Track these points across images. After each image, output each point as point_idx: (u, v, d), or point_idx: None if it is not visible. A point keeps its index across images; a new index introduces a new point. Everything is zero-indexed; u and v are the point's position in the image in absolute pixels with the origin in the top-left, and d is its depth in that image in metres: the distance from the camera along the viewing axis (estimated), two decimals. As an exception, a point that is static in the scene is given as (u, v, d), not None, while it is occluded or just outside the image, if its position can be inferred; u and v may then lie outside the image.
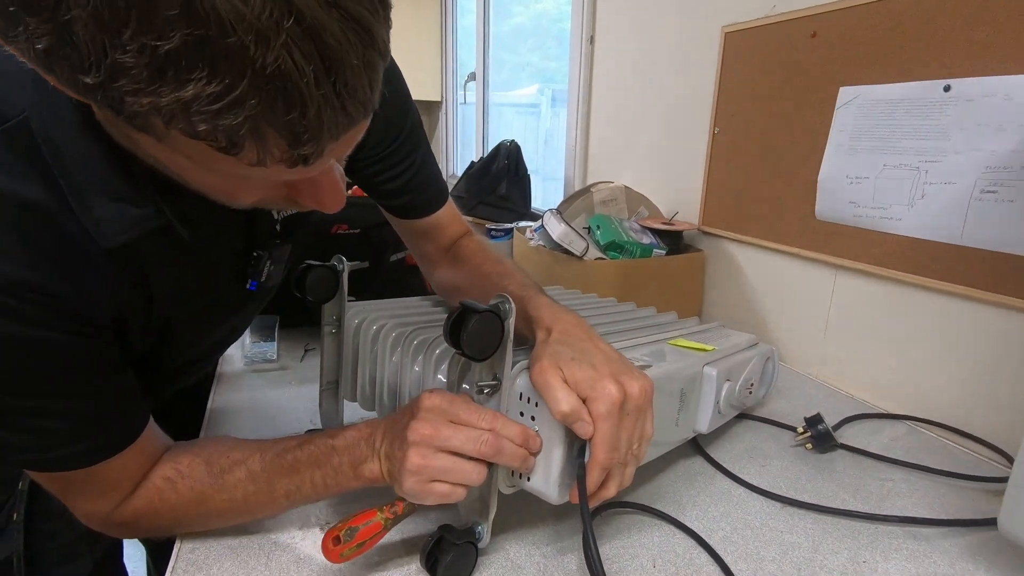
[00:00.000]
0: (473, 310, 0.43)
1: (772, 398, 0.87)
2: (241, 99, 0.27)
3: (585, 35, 1.56)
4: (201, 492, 0.49)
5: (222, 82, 0.26)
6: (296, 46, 0.27)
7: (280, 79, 0.27)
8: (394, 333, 0.60)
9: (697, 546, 0.54)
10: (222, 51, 0.25)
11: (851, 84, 0.87)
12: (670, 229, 1.17)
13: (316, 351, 0.97)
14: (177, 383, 0.66)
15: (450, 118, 3.01)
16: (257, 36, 0.26)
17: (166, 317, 0.49)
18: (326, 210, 0.40)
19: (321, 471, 0.49)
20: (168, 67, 0.26)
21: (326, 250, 0.66)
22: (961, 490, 0.65)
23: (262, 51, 0.26)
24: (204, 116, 0.27)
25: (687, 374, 0.62)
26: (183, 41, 0.25)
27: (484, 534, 0.49)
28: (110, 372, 0.45)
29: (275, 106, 0.28)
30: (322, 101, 0.29)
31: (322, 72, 0.28)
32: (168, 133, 0.29)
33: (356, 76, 0.29)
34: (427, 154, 0.66)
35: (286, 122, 0.28)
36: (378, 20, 0.30)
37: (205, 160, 0.31)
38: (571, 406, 0.44)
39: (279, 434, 0.52)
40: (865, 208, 0.86)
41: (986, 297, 0.74)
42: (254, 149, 0.30)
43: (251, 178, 0.35)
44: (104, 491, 0.47)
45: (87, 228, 0.39)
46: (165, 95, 0.26)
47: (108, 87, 0.27)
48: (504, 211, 1.82)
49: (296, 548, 0.52)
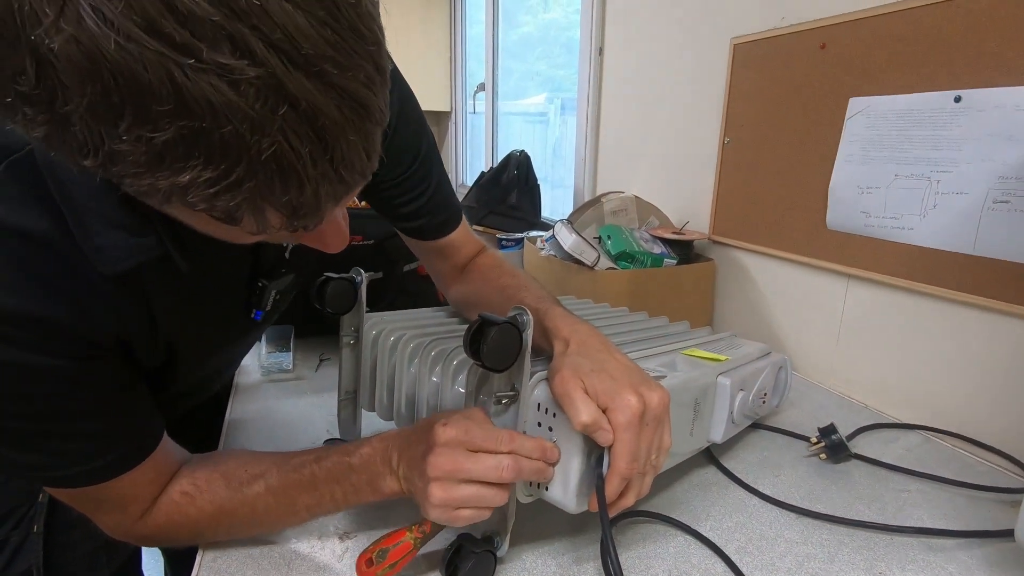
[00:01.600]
0: (492, 322, 0.44)
1: (785, 408, 0.87)
2: (238, 183, 0.27)
3: (594, 46, 1.57)
4: (221, 506, 0.50)
5: (218, 168, 0.26)
6: (292, 130, 0.27)
7: (276, 162, 0.27)
8: (412, 344, 0.61)
9: (712, 556, 0.55)
10: (217, 140, 0.26)
11: (861, 95, 0.87)
12: (681, 239, 1.17)
13: (331, 361, 0.98)
14: (183, 403, 0.66)
15: (459, 128, 3.03)
16: (252, 125, 0.26)
17: (170, 341, 0.49)
18: (330, 251, 0.41)
19: (340, 487, 0.50)
20: (165, 155, 0.26)
21: (341, 262, 0.67)
22: (977, 501, 0.65)
23: (257, 138, 0.26)
24: (201, 197, 0.28)
25: (701, 384, 0.62)
26: (178, 133, 0.25)
27: (502, 543, 0.50)
28: (119, 391, 0.45)
29: (272, 187, 0.28)
30: (320, 179, 0.29)
31: (319, 152, 0.28)
32: (169, 204, 0.30)
33: (353, 151, 0.30)
34: (441, 176, 0.66)
35: (284, 201, 0.29)
36: (375, 91, 0.30)
37: (205, 225, 0.32)
38: (592, 416, 0.45)
39: (296, 444, 0.53)
40: (877, 218, 0.87)
41: (999, 307, 0.74)
42: (253, 222, 0.30)
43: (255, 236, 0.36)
44: (122, 506, 0.48)
45: (88, 255, 0.39)
46: (163, 179, 0.27)
47: (108, 169, 0.27)
48: (514, 221, 1.83)
49: (316, 558, 0.53)
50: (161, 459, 0.49)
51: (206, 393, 0.70)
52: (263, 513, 0.51)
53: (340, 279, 0.62)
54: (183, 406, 0.66)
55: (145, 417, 0.48)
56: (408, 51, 2.84)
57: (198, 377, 0.60)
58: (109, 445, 0.45)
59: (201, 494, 0.50)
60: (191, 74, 0.24)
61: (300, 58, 0.26)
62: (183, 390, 0.58)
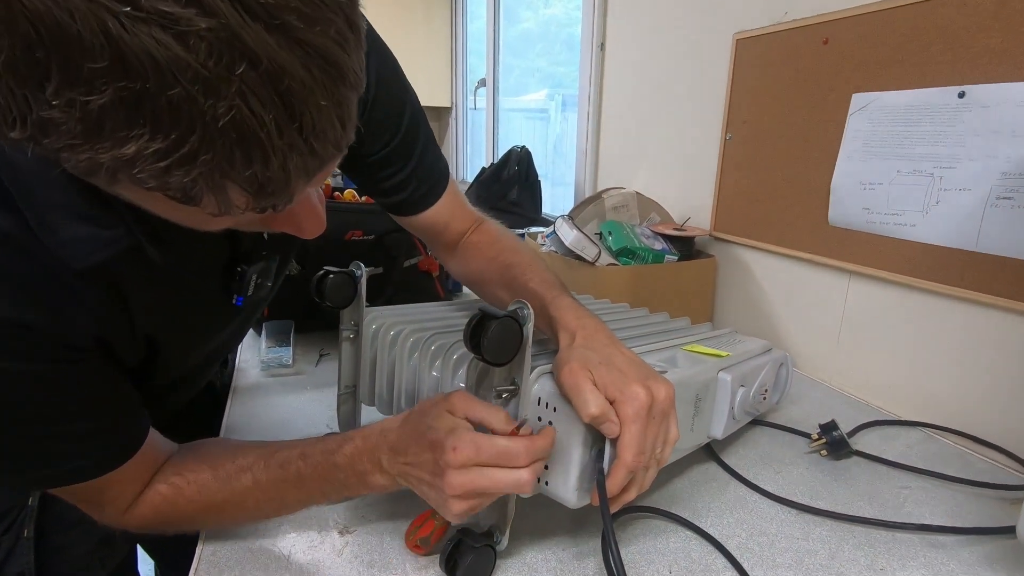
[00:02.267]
0: (493, 316, 0.44)
1: (786, 404, 0.86)
2: (191, 155, 0.24)
3: (596, 41, 1.56)
4: (210, 499, 0.49)
5: (167, 137, 0.23)
6: (252, 93, 0.24)
7: (235, 130, 0.24)
8: (412, 338, 0.61)
9: (713, 552, 0.55)
10: (164, 105, 0.22)
11: (864, 91, 0.87)
12: (682, 235, 1.17)
13: (331, 356, 0.98)
14: (175, 398, 0.64)
15: (460, 124, 3.03)
16: (205, 86, 0.23)
17: (150, 335, 0.47)
18: (306, 236, 0.38)
19: (330, 484, 0.49)
20: (104, 123, 0.23)
21: (340, 256, 0.67)
22: (979, 498, 0.65)
23: (212, 102, 0.23)
24: (151, 173, 0.24)
25: (702, 380, 0.62)
26: (117, 96, 0.22)
27: (502, 538, 0.50)
28: (101, 391, 0.43)
29: (232, 160, 0.25)
30: (287, 149, 0.26)
31: (285, 119, 0.25)
32: (117, 182, 0.26)
33: (325, 117, 0.27)
34: (427, 143, 0.61)
35: (247, 176, 0.26)
36: (348, 49, 0.27)
37: (162, 207, 0.29)
38: (600, 408, 0.44)
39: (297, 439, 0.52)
40: (879, 214, 0.86)
41: (1001, 303, 0.74)
42: (213, 202, 0.27)
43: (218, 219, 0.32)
44: (107, 501, 0.47)
45: (55, 251, 0.36)
46: (103, 152, 0.23)
47: (39, 141, 0.24)
48: (515, 217, 1.83)
49: (315, 552, 0.53)
50: (146, 455, 0.48)
51: (196, 387, 0.68)
52: (253, 508, 0.51)
53: (340, 273, 0.62)
54: (175, 401, 0.65)
55: (129, 415, 0.47)
56: (409, 46, 2.83)
57: (185, 370, 0.58)
58: (92, 446, 0.44)
59: (189, 485, 0.49)
60: (128, 25, 0.21)
61: (259, 7, 0.23)
62: (169, 383, 0.56)
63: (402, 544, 0.53)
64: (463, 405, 0.46)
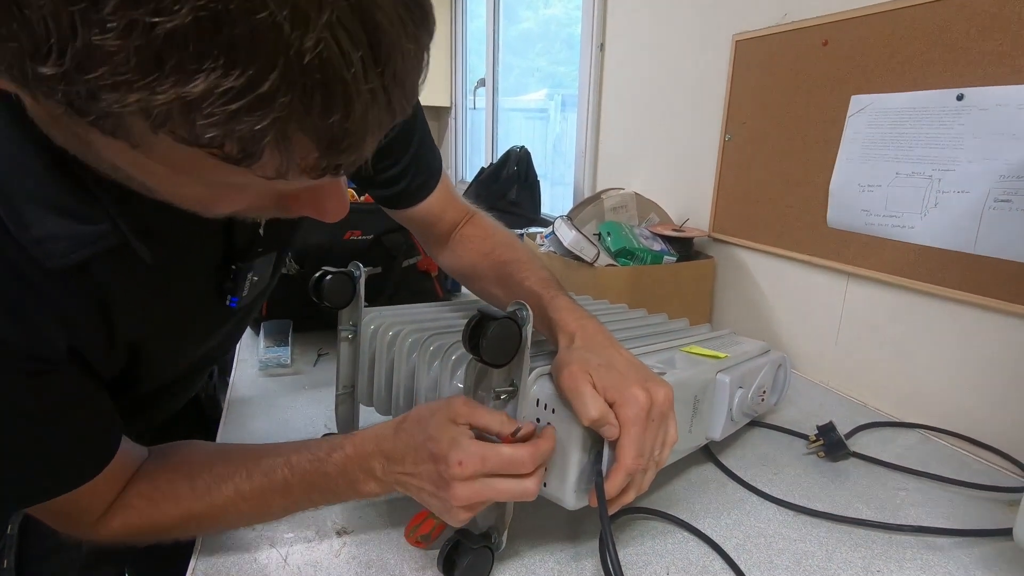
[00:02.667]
0: (492, 317, 0.44)
1: (784, 406, 0.87)
2: (268, 96, 0.20)
3: (595, 42, 1.56)
4: (188, 511, 0.46)
5: (244, 74, 0.20)
6: (342, 26, 0.20)
7: (321, 70, 0.21)
8: (411, 339, 0.60)
9: (711, 553, 0.55)
10: (246, 33, 0.19)
11: (863, 93, 0.87)
12: (681, 236, 1.17)
13: (329, 355, 0.98)
14: (158, 407, 0.61)
15: (459, 124, 3.03)
16: (294, 13, 0.19)
17: (132, 342, 0.43)
18: (328, 219, 0.33)
19: (318, 492, 0.48)
20: (169, 54, 0.19)
21: (339, 256, 0.67)
22: (975, 500, 0.65)
23: (299, 33, 0.20)
24: (215, 119, 0.20)
25: (700, 381, 0.62)
26: (194, 17, 0.18)
27: (500, 539, 0.50)
28: (72, 404, 0.40)
29: (311, 105, 0.21)
30: (369, 98, 0.22)
31: (371, 60, 0.22)
32: (153, 138, 0.22)
33: (409, 64, 0.23)
34: (423, 135, 0.59)
35: (324, 126, 0.22)
36: None
37: (194, 170, 0.24)
38: (600, 411, 0.44)
39: (293, 439, 0.52)
40: (877, 216, 0.87)
41: (999, 306, 0.74)
42: (275, 159, 0.23)
43: (249, 188, 0.28)
44: (74, 515, 0.44)
45: (27, 249, 0.32)
46: (162, 91, 0.20)
47: (74, 79, 0.20)
48: (514, 217, 1.84)
49: (312, 554, 0.53)
50: (116, 467, 0.44)
51: (186, 395, 0.65)
52: (235, 517, 0.49)
53: (338, 273, 0.62)
54: (163, 409, 0.62)
55: (102, 428, 0.43)
56: (408, 46, 2.82)
57: (171, 377, 0.54)
58: (61, 462, 0.40)
59: (164, 498, 0.46)
60: None
61: None
62: (151, 390, 0.52)
63: (400, 544, 0.53)
64: (466, 413, 0.44)
